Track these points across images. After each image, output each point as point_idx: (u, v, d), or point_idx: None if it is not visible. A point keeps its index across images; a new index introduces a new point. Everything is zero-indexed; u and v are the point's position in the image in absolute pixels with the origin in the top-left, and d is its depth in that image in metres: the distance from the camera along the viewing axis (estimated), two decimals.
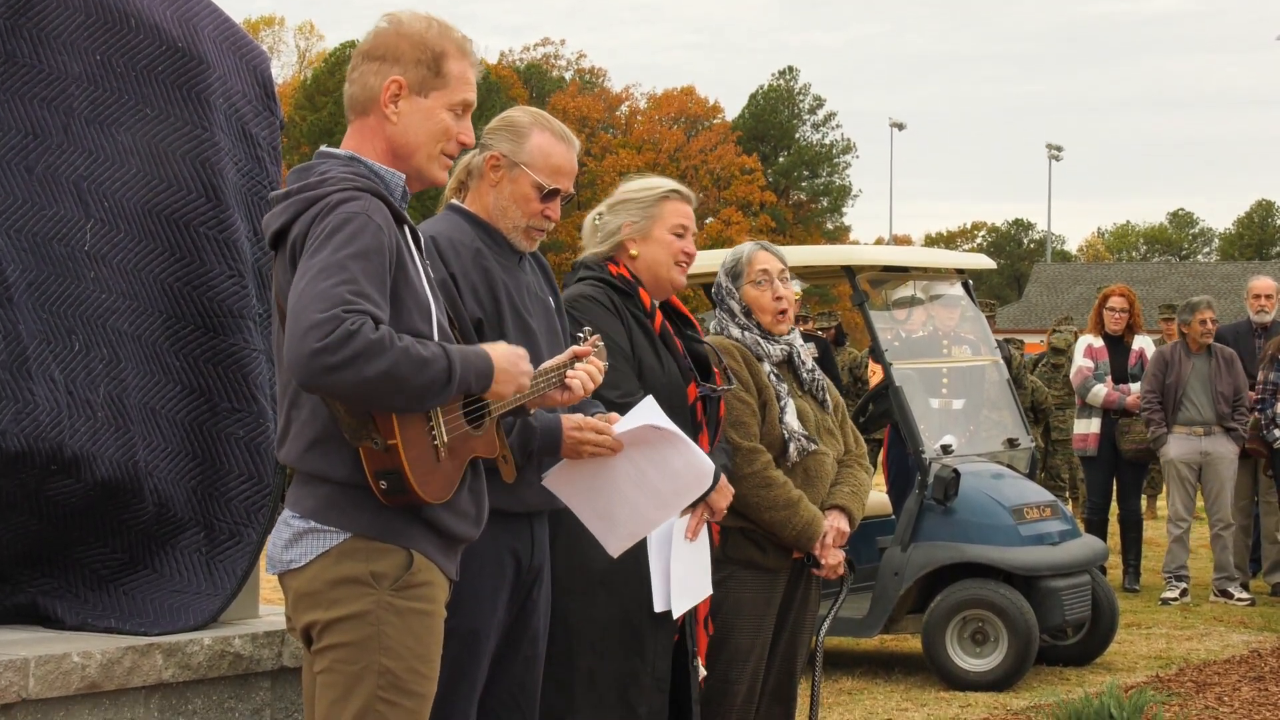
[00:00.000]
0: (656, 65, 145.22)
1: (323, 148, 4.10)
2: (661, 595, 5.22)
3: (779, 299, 6.22)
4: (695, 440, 5.06)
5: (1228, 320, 14.89)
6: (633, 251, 5.53)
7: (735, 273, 6.28)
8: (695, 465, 4.77)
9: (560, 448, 4.55)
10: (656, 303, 5.57)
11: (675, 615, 5.24)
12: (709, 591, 5.48)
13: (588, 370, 4.38)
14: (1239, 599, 12.84)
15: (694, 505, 5.18)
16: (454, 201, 4.91)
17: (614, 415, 4.71)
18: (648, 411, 4.70)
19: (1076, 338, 16.51)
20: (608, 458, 4.61)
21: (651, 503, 4.71)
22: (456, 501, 3.96)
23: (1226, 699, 9.22)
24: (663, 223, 5.54)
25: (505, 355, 3.98)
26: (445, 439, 3.87)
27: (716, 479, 5.22)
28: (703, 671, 5.57)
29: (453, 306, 4.40)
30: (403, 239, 3.95)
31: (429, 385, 3.73)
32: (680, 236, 5.58)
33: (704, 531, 5.43)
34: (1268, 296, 13.84)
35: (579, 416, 4.58)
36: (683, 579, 5.27)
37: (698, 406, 5.51)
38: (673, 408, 5.12)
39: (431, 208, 5.07)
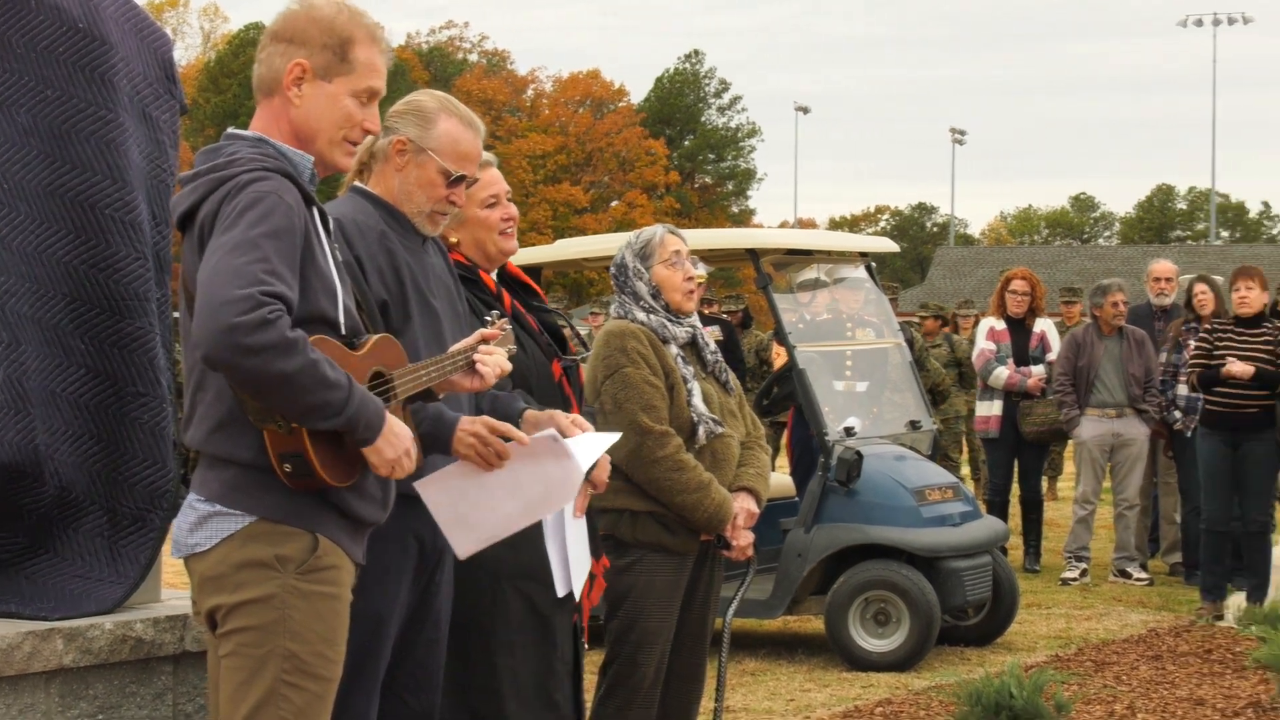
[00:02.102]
0: (562, 48, 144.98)
1: (230, 129, 4.10)
2: (562, 579, 5.21)
3: (689, 279, 6.27)
4: (566, 411, 5.02)
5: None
6: (453, 240, 5.27)
7: (645, 254, 6.28)
8: (570, 473, 4.59)
9: (451, 443, 4.41)
10: (499, 285, 5.39)
11: (577, 594, 5.25)
12: (589, 562, 5.40)
13: (496, 356, 4.37)
14: (1138, 579, 12.99)
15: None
16: (357, 184, 4.89)
17: (582, 420, 4.75)
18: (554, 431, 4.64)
19: (921, 333, 16.47)
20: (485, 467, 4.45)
21: (519, 508, 4.56)
22: (363, 485, 3.96)
23: (1125, 678, 9.33)
24: (471, 200, 5.21)
25: (400, 430, 3.92)
26: None
27: (595, 464, 5.07)
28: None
29: (358, 289, 4.40)
30: (311, 220, 3.95)
31: (319, 406, 3.71)
32: (494, 206, 5.32)
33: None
34: (1167, 280, 13.98)
35: (482, 419, 4.46)
36: (576, 557, 5.27)
37: (564, 381, 5.48)
38: (540, 387, 5.10)
39: (331, 192, 5.04)
